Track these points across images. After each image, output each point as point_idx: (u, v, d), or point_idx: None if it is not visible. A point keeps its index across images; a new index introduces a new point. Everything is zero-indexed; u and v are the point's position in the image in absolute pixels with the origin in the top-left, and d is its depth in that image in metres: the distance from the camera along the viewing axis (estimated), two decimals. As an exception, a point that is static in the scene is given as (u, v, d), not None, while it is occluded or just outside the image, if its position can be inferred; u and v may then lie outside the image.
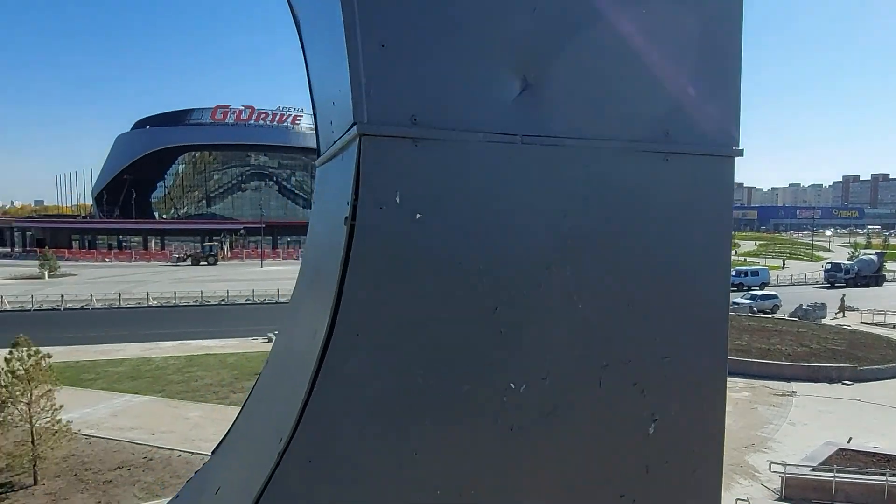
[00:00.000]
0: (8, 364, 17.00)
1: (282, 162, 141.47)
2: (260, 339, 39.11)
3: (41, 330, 36.27)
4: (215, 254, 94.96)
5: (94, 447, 20.33)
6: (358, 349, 1.70)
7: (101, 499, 16.54)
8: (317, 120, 2.78)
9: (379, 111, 1.69)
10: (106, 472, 18.27)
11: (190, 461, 19.09)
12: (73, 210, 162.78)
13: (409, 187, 1.72)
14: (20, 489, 17.09)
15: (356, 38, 1.67)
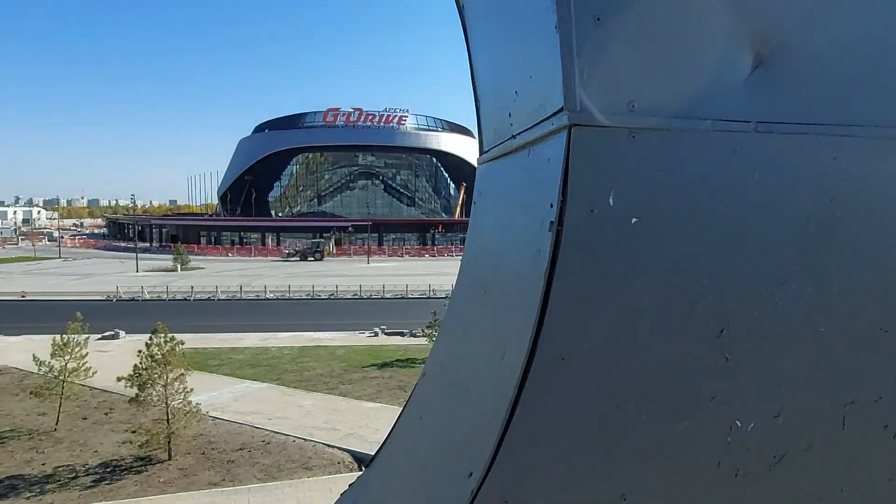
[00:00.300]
0: (148, 349, 18.69)
1: (388, 161, 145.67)
2: (366, 333, 40.39)
3: (174, 318, 39.59)
4: (321, 250, 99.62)
5: (218, 428, 21.88)
6: (562, 377, 1.45)
7: (224, 476, 17.77)
8: (481, 112, 2.52)
9: (594, 97, 1.44)
10: (229, 452, 19.60)
11: (303, 447, 20.08)
12: (201, 209, 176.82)
13: (624, 186, 1.47)
14: (157, 463, 18.74)
15: (569, 11, 1.43)
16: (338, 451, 19.65)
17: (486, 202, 2.34)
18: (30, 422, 22.71)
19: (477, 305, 2.08)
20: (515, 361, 1.46)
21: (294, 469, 18.27)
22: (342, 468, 18.50)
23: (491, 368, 1.65)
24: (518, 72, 1.77)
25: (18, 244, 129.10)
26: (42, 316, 46.22)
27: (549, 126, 1.50)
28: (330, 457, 19.26)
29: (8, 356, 32.82)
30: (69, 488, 17.07)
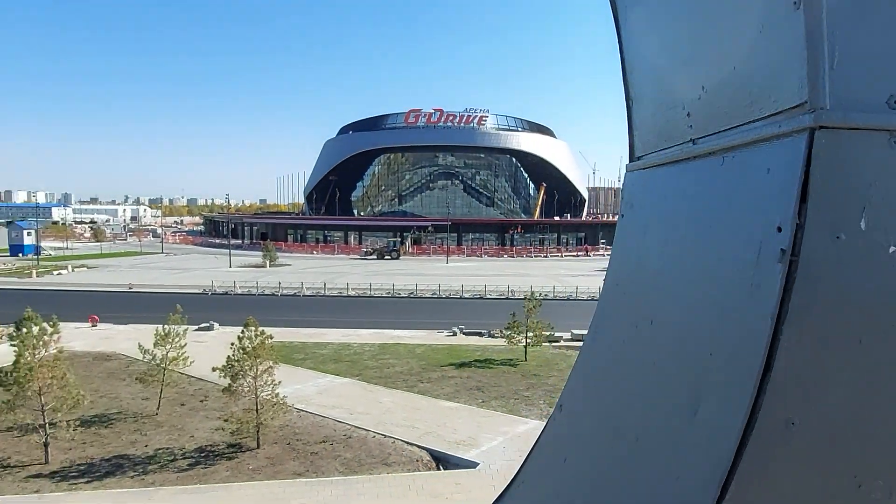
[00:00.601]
0: (240, 341, 19.67)
1: (467, 162, 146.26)
2: (445, 332, 40.68)
3: (263, 312, 41.41)
4: (398, 249, 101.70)
5: (303, 420, 22.68)
6: (791, 446, 1.17)
7: (308, 467, 18.38)
8: (633, 112, 2.20)
9: (846, 91, 1.14)
10: (313, 444, 20.27)
11: (383, 443, 20.44)
12: (288, 207, 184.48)
13: (881, 206, 1.15)
14: (246, 451, 19.66)
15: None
16: (416, 449, 19.87)
17: (640, 216, 2.03)
18: (134, 405, 24.46)
19: (635, 340, 1.77)
20: (723, 421, 1.21)
21: (374, 464, 18.63)
22: (420, 466, 18.71)
23: (676, 421, 1.39)
24: (709, 63, 1.50)
25: (126, 240, 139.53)
26: (146, 306, 49.70)
27: (773, 129, 1.24)
28: (409, 454, 19.51)
29: (117, 343, 35.53)
30: (168, 470, 18.22)
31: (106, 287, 62.87)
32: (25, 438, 19.74)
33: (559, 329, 36.04)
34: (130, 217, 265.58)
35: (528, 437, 20.90)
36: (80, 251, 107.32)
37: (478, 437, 20.85)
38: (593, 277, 72.86)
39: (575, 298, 57.36)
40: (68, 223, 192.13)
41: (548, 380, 28.88)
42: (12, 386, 18.16)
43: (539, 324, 32.72)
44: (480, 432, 21.39)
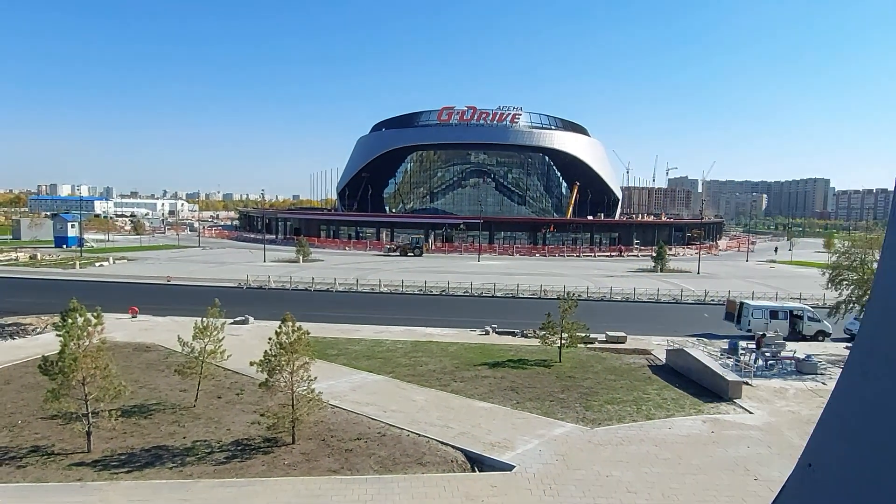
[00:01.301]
0: (277, 337, 19.72)
1: (499, 160, 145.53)
2: (477, 331, 40.38)
3: (296, 307, 41.70)
4: (420, 246, 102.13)
5: (337, 417, 22.69)
6: None
7: (343, 465, 18.33)
8: None
9: None
10: (347, 441, 20.23)
11: (417, 442, 20.30)
12: (321, 203, 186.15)
13: None
14: (282, 445, 19.73)
15: None
16: (451, 450, 19.66)
17: None
18: (173, 397, 24.83)
19: None
20: None
21: (408, 464, 18.48)
22: (455, 467, 18.49)
23: None
24: None
25: (165, 233, 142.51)
26: (184, 299, 50.62)
27: None
28: (443, 454, 19.31)
29: (156, 335, 36.17)
30: (205, 462, 18.38)
31: (145, 279, 64.29)
32: (69, 427, 20.17)
33: (593, 330, 35.45)
34: (168, 211, 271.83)
35: (565, 441, 20.54)
36: (121, 244, 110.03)
37: (513, 439, 20.55)
38: (628, 279, 71.74)
39: (609, 300, 56.49)
40: (110, 216, 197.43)
41: (583, 382, 28.39)
42: (58, 375, 18.54)
43: (574, 324, 32.20)
44: (516, 434, 21.08)
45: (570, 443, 20.43)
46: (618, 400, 25.73)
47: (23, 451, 19.09)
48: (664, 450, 20.03)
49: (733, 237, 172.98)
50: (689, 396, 26.64)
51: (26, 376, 26.73)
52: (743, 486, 17.47)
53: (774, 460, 19.45)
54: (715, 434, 21.85)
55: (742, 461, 19.33)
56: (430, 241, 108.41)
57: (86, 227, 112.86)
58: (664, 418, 23.56)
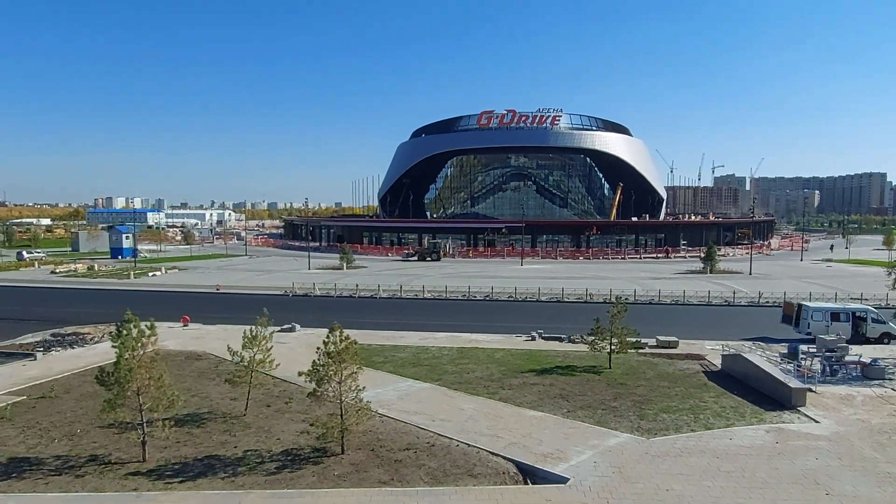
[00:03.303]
0: (325, 346, 19.63)
1: (540, 162, 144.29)
2: (523, 336, 39.71)
3: (341, 314, 42.00)
4: (438, 251, 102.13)
5: (385, 426, 22.47)
6: None
7: (393, 476, 18.05)
8: None
9: None
10: (396, 452, 19.96)
11: (467, 452, 19.88)
12: (363, 210, 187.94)
13: None
14: (331, 456, 19.59)
15: None
16: (502, 461, 19.14)
17: None
18: (223, 405, 25.09)
19: None
20: None
21: (459, 475, 18.05)
22: (507, 479, 17.96)
23: None
24: None
25: (213, 243, 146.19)
26: (233, 307, 51.62)
27: None
28: (495, 465, 18.82)
29: (207, 343, 36.82)
30: (256, 473, 18.37)
31: (196, 288, 65.87)
32: (124, 436, 20.56)
33: (643, 335, 34.40)
34: (216, 221, 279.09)
35: (621, 452, 19.80)
36: (172, 253, 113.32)
37: (566, 450, 19.91)
38: (676, 281, 69.76)
39: (657, 303, 54.95)
40: (161, 227, 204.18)
41: (635, 389, 27.47)
42: (114, 385, 18.87)
43: (624, 329, 31.27)
44: (568, 444, 20.43)
45: (625, 454, 19.66)
46: (673, 408, 24.76)
47: (81, 460, 19.50)
48: (726, 462, 19.08)
49: (785, 236, 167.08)
50: (749, 404, 25.45)
51: (84, 385, 27.46)
52: (814, 501, 16.43)
53: (846, 473, 18.29)
54: (780, 445, 20.71)
55: (811, 474, 18.23)
56: (448, 245, 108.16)
57: (139, 239, 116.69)
58: (724, 428, 22.51)
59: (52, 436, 21.75)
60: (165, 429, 19.85)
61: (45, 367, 31.58)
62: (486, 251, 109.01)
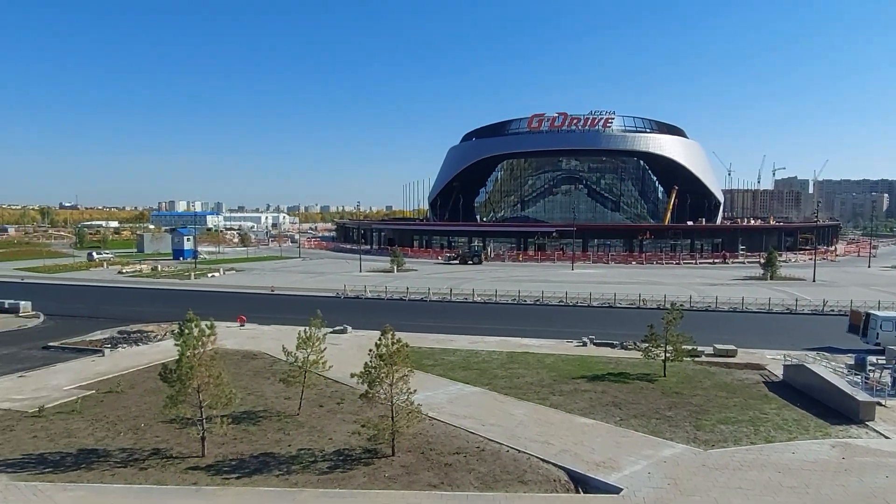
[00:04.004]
0: (377, 349, 19.88)
1: (591, 165, 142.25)
2: (574, 342, 39.17)
3: (392, 317, 42.45)
4: (479, 254, 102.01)
5: (435, 429, 22.55)
6: None
7: (443, 479, 18.09)
8: None
9: None
10: (446, 455, 20.00)
11: (517, 458, 19.73)
12: (413, 213, 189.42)
13: None
14: (382, 457, 19.80)
15: None
16: (553, 468, 18.92)
17: None
18: (278, 404, 25.72)
19: None
20: None
21: (509, 481, 17.93)
22: (558, 487, 17.73)
23: None
24: None
25: (268, 245, 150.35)
26: (287, 308, 52.88)
27: None
28: (545, 473, 18.60)
29: (262, 343, 37.85)
30: (309, 471, 18.75)
31: (251, 289, 67.86)
32: (185, 431, 21.33)
33: (699, 343, 33.38)
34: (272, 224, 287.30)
35: (676, 463, 19.25)
36: (230, 255, 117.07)
37: (619, 459, 19.51)
38: (734, 287, 67.43)
39: (714, 310, 53.18)
40: (220, 230, 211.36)
41: (691, 399, 26.68)
42: (175, 382, 19.64)
43: (679, 337, 30.43)
44: (621, 453, 20.01)
45: (681, 465, 19.10)
46: (732, 419, 23.92)
47: (145, 453, 20.35)
48: (789, 477, 18.29)
49: (851, 241, 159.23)
50: (812, 417, 24.34)
51: (148, 381, 28.66)
52: (886, 522, 15.57)
53: (921, 494, 17.25)
54: (847, 461, 19.71)
55: (881, 493, 17.26)
56: (489, 249, 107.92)
57: (199, 241, 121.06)
58: (786, 441, 21.59)
59: (119, 429, 22.80)
60: (223, 426, 20.51)
61: (113, 363, 33.14)
62: (535, 255, 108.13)
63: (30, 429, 22.78)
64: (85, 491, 17.40)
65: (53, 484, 17.84)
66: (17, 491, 17.36)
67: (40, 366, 32.86)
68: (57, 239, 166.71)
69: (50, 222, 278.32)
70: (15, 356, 35.56)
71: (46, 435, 22.13)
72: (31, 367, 32.44)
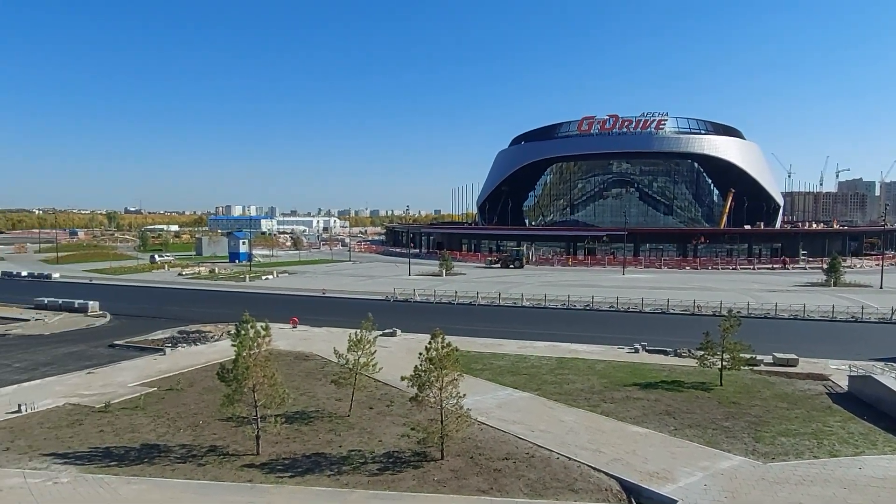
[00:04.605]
0: (427, 352, 20.00)
1: (643, 168, 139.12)
2: (625, 348, 38.40)
3: (440, 320, 42.44)
4: (521, 258, 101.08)
5: (484, 434, 22.50)
6: None
7: (492, 485, 18.02)
8: None
9: None
10: (495, 461, 19.93)
11: (567, 466, 19.48)
12: (462, 217, 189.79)
13: None
14: (431, 461, 19.89)
15: None
16: (604, 477, 18.58)
17: None
18: (329, 405, 26.19)
19: None
20: None
21: (560, 489, 17.71)
22: (610, 496, 17.38)
23: None
24: None
25: (320, 248, 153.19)
26: (338, 310, 53.76)
27: None
28: (596, 482, 18.29)
29: (313, 345, 38.63)
30: (360, 472, 19.00)
31: (304, 291, 69.36)
32: (240, 429, 22.00)
33: (758, 351, 32.19)
34: (323, 227, 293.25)
35: (734, 476, 18.62)
36: (283, 258, 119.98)
37: (673, 470, 18.99)
38: (795, 294, 64.74)
39: (774, 317, 51.17)
40: (273, 233, 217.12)
41: (750, 410, 25.75)
42: (232, 382, 20.29)
43: (737, 345, 29.43)
44: (676, 464, 19.49)
45: (739, 478, 18.45)
46: (793, 432, 22.96)
47: (203, 450, 21.06)
48: (855, 494, 17.42)
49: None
50: (881, 431, 23.13)
51: (206, 380, 29.66)
52: (965, 546, 14.63)
53: None
54: (920, 479, 18.64)
55: (959, 514, 16.25)
56: (531, 253, 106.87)
57: (254, 244, 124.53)
58: (852, 456, 20.58)
59: (178, 426, 23.68)
60: (277, 425, 21.03)
61: (173, 362, 34.46)
62: (585, 259, 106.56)
63: (97, 423, 23.92)
64: (148, 485, 18.14)
65: (118, 477, 18.68)
66: (85, 483, 18.24)
67: (107, 363, 34.49)
68: (122, 242, 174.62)
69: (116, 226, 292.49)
70: (84, 353, 37.45)
71: (112, 430, 23.19)
72: (99, 365, 34.09)
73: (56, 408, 26.03)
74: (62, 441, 21.99)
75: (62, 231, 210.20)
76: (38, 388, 29.06)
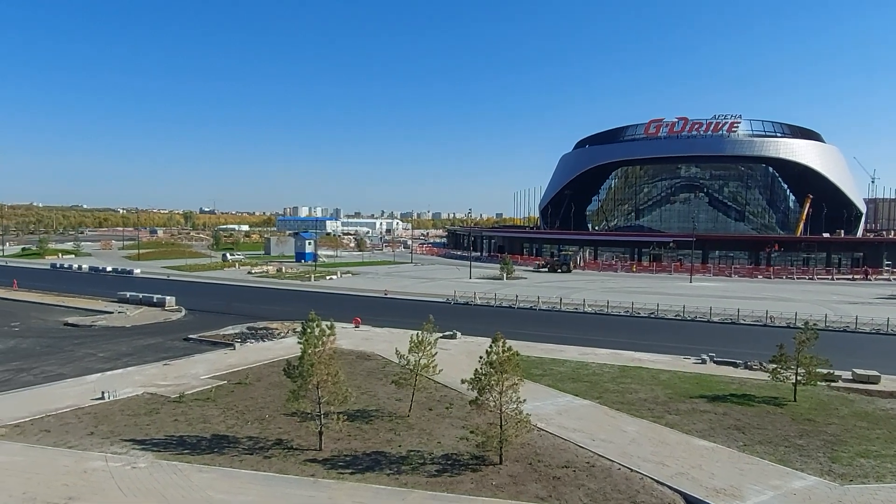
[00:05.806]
0: (488, 356, 20.04)
1: (714, 172, 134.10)
2: (692, 358, 37.15)
3: (500, 324, 42.26)
4: (568, 263, 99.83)
5: (543, 440, 22.30)
6: None
7: (551, 493, 17.83)
8: None
9: None
10: (554, 468, 19.71)
11: (629, 477, 19.05)
12: (523, 221, 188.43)
13: None
14: (489, 465, 19.88)
15: None
16: (668, 491, 18.05)
17: None
18: (389, 405, 26.60)
19: None
20: None
21: (621, 500, 17.32)
22: (674, 511, 16.93)
23: None
24: None
25: (382, 250, 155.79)
26: (399, 311, 54.53)
27: None
28: (660, 496, 17.79)
29: (375, 345, 39.31)
30: (418, 473, 19.21)
31: (366, 292, 70.66)
32: (304, 425, 22.68)
33: (836, 366, 30.47)
34: (385, 229, 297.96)
35: (808, 497, 17.72)
36: (347, 259, 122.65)
37: (741, 487, 18.24)
38: (878, 306, 60.88)
39: (854, 331, 48.28)
40: (338, 234, 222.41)
41: (826, 428, 24.41)
42: (298, 378, 20.96)
43: (813, 359, 27.96)
44: (744, 482, 18.71)
45: (813, 499, 17.53)
46: (874, 453, 21.62)
47: (269, 443, 21.83)
48: (945, 524, 16.25)
49: None
50: (976, 458, 21.44)
51: (272, 375, 30.71)
52: None
53: None
54: None
55: None
56: (579, 257, 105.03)
57: (319, 244, 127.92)
58: (942, 483, 19.19)
59: (246, 418, 24.63)
60: (339, 422, 21.53)
61: (242, 357, 35.87)
62: (650, 266, 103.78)
63: (172, 413, 25.21)
64: (217, 474, 18.96)
65: (190, 465, 19.62)
66: (161, 469, 19.26)
67: (181, 356, 36.28)
68: (197, 241, 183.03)
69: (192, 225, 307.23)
70: (161, 346, 39.55)
71: (186, 419, 24.38)
72: (174, 357, 35.90)
73: (135, 396, 27.61)
74: (140, 428, 23.30)
75: (143, 230, 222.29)
76: (119, 378, 30.89)
